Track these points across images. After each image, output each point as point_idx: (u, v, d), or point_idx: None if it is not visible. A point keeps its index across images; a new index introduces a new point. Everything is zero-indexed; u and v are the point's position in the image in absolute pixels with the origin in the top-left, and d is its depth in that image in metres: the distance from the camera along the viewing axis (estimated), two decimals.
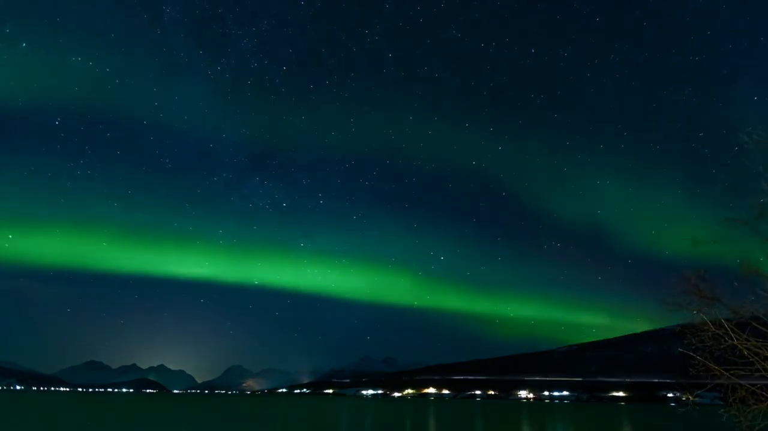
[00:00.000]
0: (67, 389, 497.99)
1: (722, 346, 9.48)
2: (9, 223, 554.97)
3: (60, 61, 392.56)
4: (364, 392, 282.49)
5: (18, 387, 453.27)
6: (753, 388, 9.43)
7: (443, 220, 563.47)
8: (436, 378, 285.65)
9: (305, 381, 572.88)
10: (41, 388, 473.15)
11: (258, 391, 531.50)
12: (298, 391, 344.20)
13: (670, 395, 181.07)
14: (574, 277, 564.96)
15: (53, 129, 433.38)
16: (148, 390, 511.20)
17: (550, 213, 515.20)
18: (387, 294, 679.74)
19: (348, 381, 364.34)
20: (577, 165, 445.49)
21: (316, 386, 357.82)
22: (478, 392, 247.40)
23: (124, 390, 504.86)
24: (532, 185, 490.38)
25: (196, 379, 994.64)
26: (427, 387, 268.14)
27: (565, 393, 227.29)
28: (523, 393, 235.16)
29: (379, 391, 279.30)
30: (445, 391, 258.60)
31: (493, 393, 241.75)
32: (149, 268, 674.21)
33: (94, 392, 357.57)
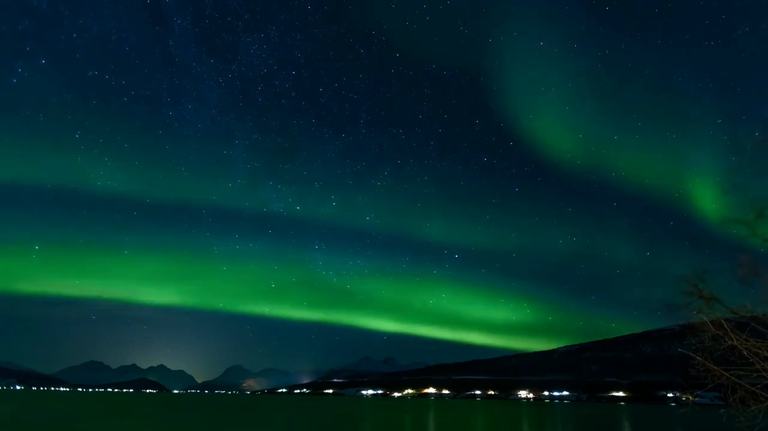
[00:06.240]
0: (67, 389, 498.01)
1: (722, 346, 9.49)
2: (34, 235, 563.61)
3: (77, 76, 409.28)
4: (364, 392, 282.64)
5: (18, 387, 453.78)
6: (753, 388, 9.44)
7: (455, 218, 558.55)
8: (436, 378, 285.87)
9: (305, 381, 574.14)
10: (41, 388, 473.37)
11: (258, 391, 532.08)
12: (298, 391, 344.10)
13: (670, 395, 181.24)
14: (575, 275, 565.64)
15: (73, 143, 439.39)
16: (148, 390, 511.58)
17: (555, 210, 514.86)
18: (395, 295, 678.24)
19: (348, 381, 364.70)
20: (590, 157, 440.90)
21: (316, 386, 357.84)
22: (478, 392, 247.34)
23: (124, 390, 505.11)
24: (543, 179, 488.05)
25: (196, 379, 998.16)
26: (427, 387, 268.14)
27: (565, 393, 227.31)
28: (523, 393, 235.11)
29: (379, 391, 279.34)
30: (445, 391, 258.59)
31: (493, 393, 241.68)
32: (168, 274, 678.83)
33: (94, 392, 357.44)
